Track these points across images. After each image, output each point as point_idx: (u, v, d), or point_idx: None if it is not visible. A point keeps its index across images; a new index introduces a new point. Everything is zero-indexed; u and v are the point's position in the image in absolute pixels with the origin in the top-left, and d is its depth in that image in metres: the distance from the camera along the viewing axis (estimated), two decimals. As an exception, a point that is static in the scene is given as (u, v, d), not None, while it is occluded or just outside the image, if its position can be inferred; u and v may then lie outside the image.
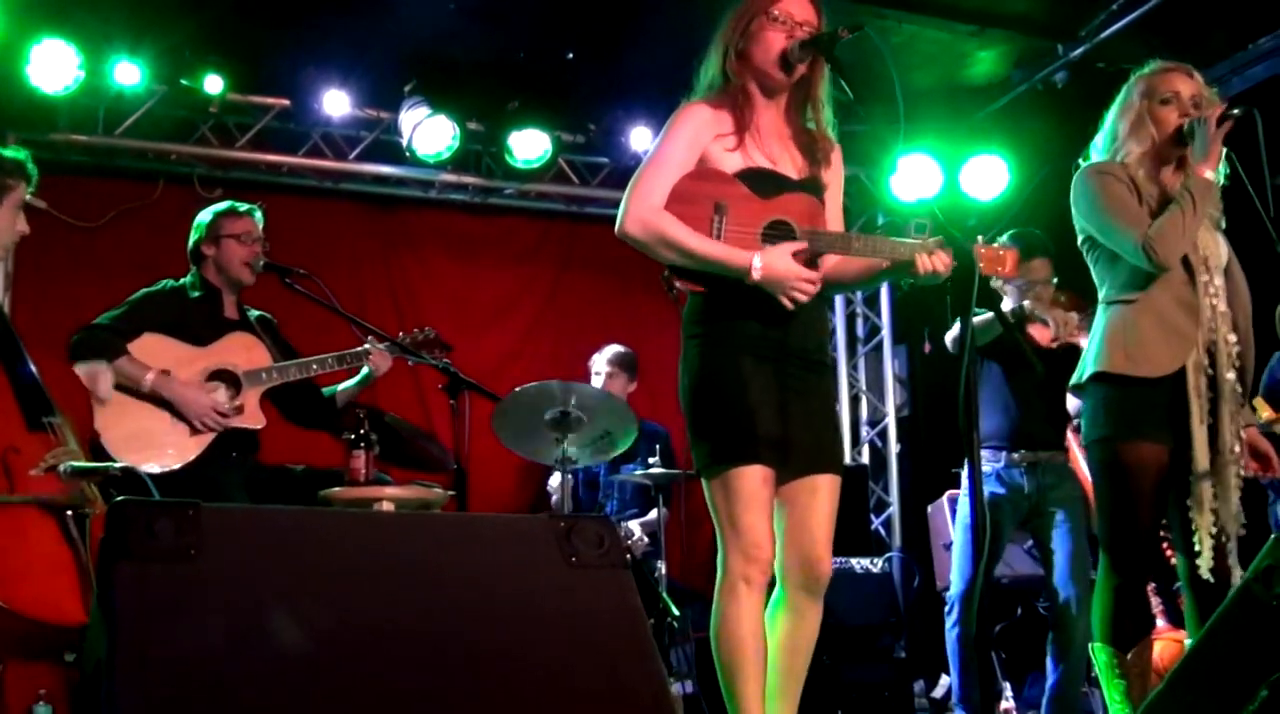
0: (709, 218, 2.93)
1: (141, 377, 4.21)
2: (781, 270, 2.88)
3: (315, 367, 4.47)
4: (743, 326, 2.95)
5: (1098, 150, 3.55)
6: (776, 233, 2.96)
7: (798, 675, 2.99)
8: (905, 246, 2.94)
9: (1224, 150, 3.35)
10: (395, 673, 1.64)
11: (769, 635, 2.93)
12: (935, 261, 2.88)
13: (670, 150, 2.99)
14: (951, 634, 4.68)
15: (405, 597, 1.72)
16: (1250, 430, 3.39)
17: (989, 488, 4.61)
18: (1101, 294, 3.49)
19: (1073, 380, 3.50)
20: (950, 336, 4.83)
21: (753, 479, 2.87)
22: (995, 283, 4.74)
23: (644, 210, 2.93)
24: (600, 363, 6.25)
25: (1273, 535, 2.20)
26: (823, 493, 2.98)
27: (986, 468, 4.62)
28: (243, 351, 4.44)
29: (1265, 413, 3.89)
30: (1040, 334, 4.72)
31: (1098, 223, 3.41)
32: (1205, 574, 3.22)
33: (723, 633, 2.87)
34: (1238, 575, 3.17)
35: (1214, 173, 3.28)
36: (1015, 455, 4.65)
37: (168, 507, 1.63)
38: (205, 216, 4.58)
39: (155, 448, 4.18)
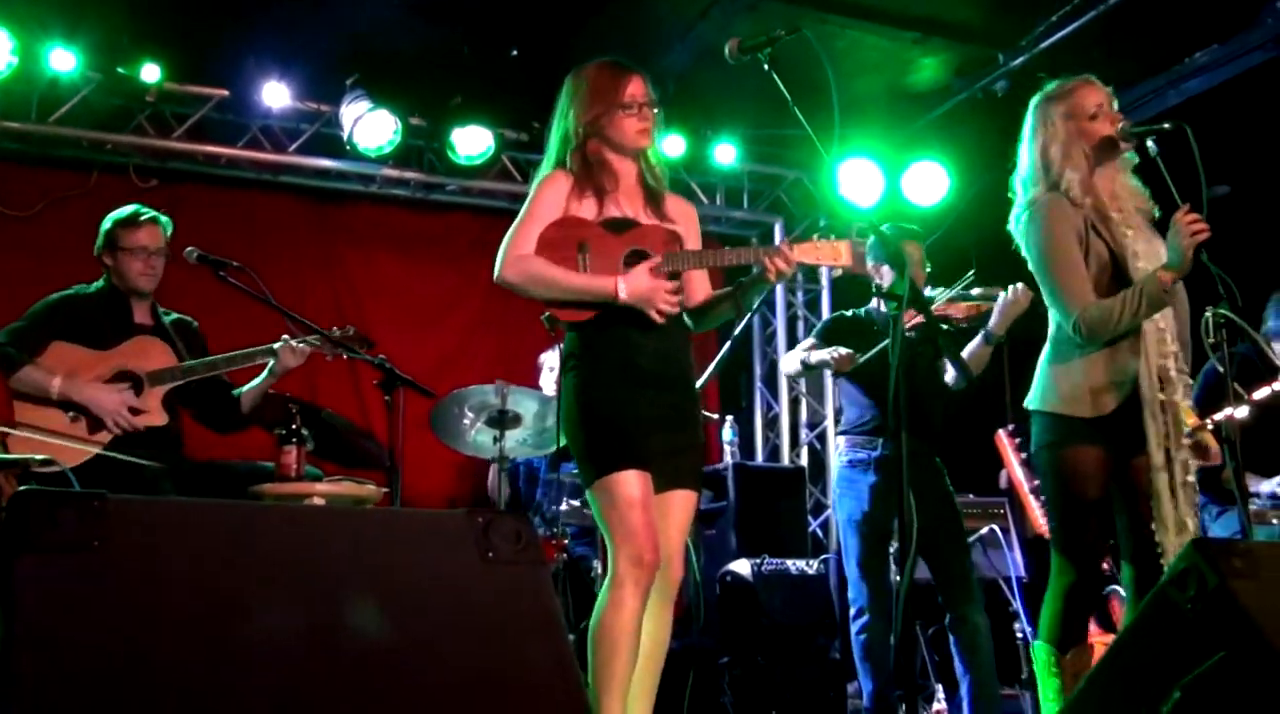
0: (574, 257, 3.24)
1: (48, 382, 4.15)
2: (645, 287, 3.16)
3: (222, 364, 4.40)
4: (615, 357, 3.22)
5: (1026, 180, 3.55)
6: (637, 260, 3.25)
7: (654, 674, 3.22)
8: (750, 252, 3.33)
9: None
10: (302, 667, 1.61)
11: None
12: (778, 262, 3.17)
13: (537, 209, 3.27)
14: (860, 639, 4.70)
15: (316, 590, 1.69)
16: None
17: (873, 477, 4.69)
18: (1051, 325, 3.55)
19: (1025, 402, 3.57)
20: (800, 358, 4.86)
21: (633, 483, 3.09)
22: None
23: (516, 258, 3.21)
24: (555, 359, 6.18)
25: (1189, 540, 2.23)
26: (681, 506, 3.27)
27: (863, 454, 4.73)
28: (145, 354, 4.38)
29: (1190, 420, 3.93)
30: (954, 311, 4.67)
31: (1041, 273, 3.46)
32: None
33: (601, 631, 3.05)
34: None
35: (1175, 284, 3.30)
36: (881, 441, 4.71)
37: (72, 497, 1.60)
38: (106, 223, 4.52)
39: (52, 448, 4.09)
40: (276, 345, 4.41)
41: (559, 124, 3.40)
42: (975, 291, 4.58)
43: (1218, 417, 3.42)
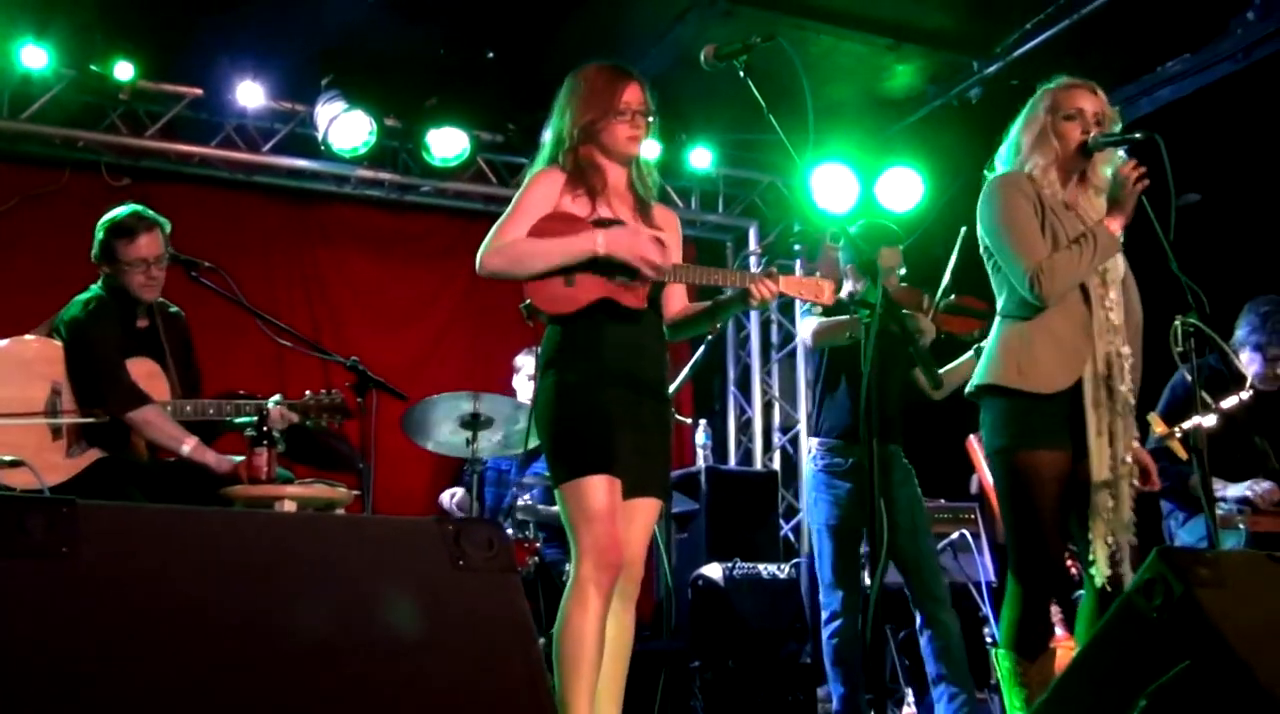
0: None
1: (181, 441, 4.18)
2: (627, 234, 3.21)
3: (211, 411, 4.32)
4: (593, 359, 3.22)
5: (1002, 160, 3.59)
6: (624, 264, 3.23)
7: (620, 676, 3.24)
8: (736, 274, 3.34)
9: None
10: (272, 674, 1.61)
11: None
12: (762, 289, 3.23)
13: (528, 202, 3.27)
14: (832, 643, 4.73)
15: (287, 597, 1.68)
16: (1134, 445, 3.44)
17: (848, 483, 4.73)
18: (999, 305, 3.53)
19: (967, 390, 3.54)
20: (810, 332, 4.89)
21: (601, 488, 3.12)
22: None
23: (500, 246, 3.21)
24: (532, 366, 6.17)
25: (1154, 549, 2.25)
26: (647, 512, 3.30)
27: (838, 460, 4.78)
28: (141, 381, 4.27)
29: (1159, 429, 3.97)
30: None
31: (996, 240, 3.45)
32: (1100, 582, 3.28)
33: (566, 633, 3.08)
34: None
35: (1121, 230, 3.33)
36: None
37: (41, 502, 1.59)
38: (100, 231, 4.31)
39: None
40: (269, 404, 4.30)
41: (554, 123, 3.39)
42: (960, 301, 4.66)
43: (1185, 425, 3.44)
